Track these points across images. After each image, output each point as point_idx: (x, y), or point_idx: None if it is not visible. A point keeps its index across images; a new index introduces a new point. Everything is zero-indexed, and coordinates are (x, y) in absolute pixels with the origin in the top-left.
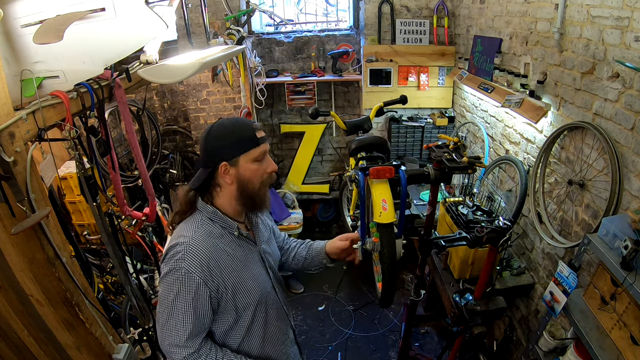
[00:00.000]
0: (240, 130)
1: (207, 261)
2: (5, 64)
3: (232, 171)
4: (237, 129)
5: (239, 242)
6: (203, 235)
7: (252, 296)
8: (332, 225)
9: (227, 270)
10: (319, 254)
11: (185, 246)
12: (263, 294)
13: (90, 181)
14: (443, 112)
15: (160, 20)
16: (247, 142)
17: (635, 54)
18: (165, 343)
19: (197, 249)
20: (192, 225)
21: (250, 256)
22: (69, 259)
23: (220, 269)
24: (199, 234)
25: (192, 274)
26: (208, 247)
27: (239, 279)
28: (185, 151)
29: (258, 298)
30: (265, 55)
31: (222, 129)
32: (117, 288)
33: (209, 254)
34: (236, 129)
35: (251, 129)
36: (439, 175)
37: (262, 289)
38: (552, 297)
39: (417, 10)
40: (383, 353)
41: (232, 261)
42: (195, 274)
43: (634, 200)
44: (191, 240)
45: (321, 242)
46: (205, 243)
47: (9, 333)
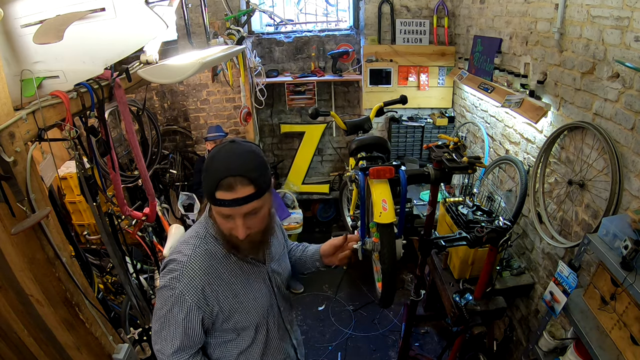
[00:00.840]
0: (210, 176)
1: (202, 286)
2: (5, 64)
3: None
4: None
5: (242, 264)
6: (202, 256)
7: (250, 318)
8: (332, 225)
9: (224, 294)
10: (314, 254)
11: (182, 266)
12: (264, 315)
13: (90, 181)
14: (443, 112)
15: (160, 20)
16: (207, 193)
17: (635, 54)
18: (156, 348)
19: (193, 273)
20: (194, 241)
21: (254, 277)
22: (69, 259)
23: (216, 293)
24: (198, 254)
25: (185, 296)
26: (205, 271)
27: (237, 302)
28: (185, 151)
29: (258, 320)
30: (265, 55)
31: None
32: (117, 288)
33: (205, 278)
34: (209, 172)
35: (214, 183)
36: (439, 175)
37: (263, 310)
38: (552, 297)
39: (417, 10)
40: (383, 353)
41: (231, 284)
42: (188, 296)
43: (634, 200)
44: (189, 260)
45: (316, 245)
46: (203, 266)
47: (9, 333)
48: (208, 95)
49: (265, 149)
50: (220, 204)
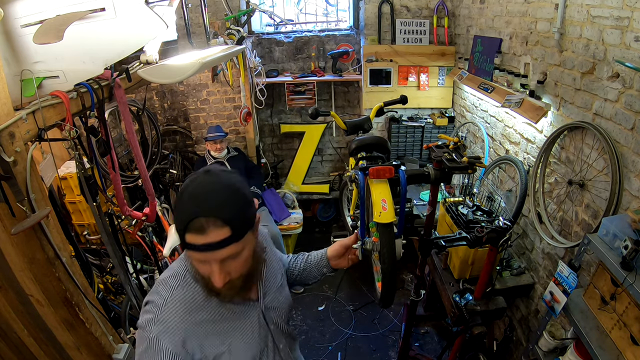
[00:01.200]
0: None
1: (179, 333)
2: (5, 64)
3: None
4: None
5: (229, 305)
6: (180, 301)
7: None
8: (332, 225)
9: (208, 340)
10: (320, 261)
11: (158, 310)
12: (256, 356)
13: (90, 181)
14: (443, 112)
15: (160, 20)
16: (178, 234)
17: (635, 54)
18: None
19: (169, 319)
20: (172, 281)
21: (244, 317)
22: (69, 259)
23: (198, 340)
24: (176, 297)
25: (160, 341)
26: (182, 317)
27: (225, 346)
28: (185, 151)
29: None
30: (265, 55)
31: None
32: (117, 288)
33: (183, 325)
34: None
35: (183, 224)
36: (439, 175)
37: (254, 353)
38: (552, 297)
39: (417, 10)
40: (383, 353)
41: (215, 329)
42: (164, 341)
43: (634, 200)
44: (165, 305)
45: (320, 251)
46: (180, 312)
47: (9, 333)
48: (208, 95)
49: (265, 149)
50: (190, 248)
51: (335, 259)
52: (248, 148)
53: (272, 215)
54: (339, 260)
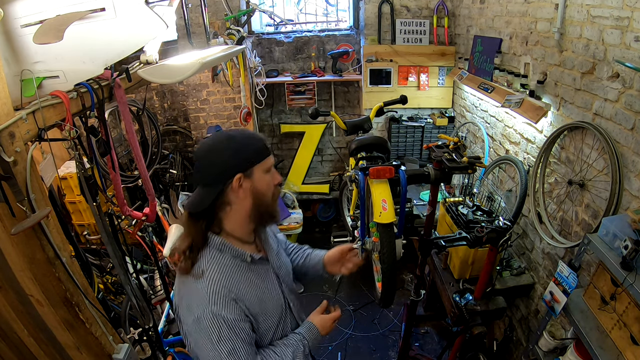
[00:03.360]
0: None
1: (232, 297)
2: (5, 64)
3: (247, 184)
4: (245, 141)
5: (253, 268)
6: (218, 271)
7: (272, 318)
8: (332, 225)
9: (249, 300)
10: (316, 264)
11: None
12: (282, 314)
13: (90, 181)
14: (443, 112)
15: (160, 20)
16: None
17: (635, 54)
18: None
19: (220, 294)
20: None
21: (266, 278)
22: (69, 259)
23: (242, 298)
24: (213, 271)
25: (222, 313)
26: (226, 282)
27: (260, 305)
28: (185, 151)
29: (277, 319)
30: (265, 55)
31: (233, 142)
32: (117, 288)
33: (229, 288)
34: (244, 142)
35: (261, 138)
36: (439, 175)
37: (280, 310)
38: (552, 297)
39: (417, 10)
40: (383, 353)
41: (250, 290)
42: (224, 313)
43: (634, 200)
44: (209, 282)
45: (320, 252)
46: (223, 280)
47: (9, 333)
48: (208, 95)
49: None
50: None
51: (332, 264)
52: None
53: None
54: (335, 267)
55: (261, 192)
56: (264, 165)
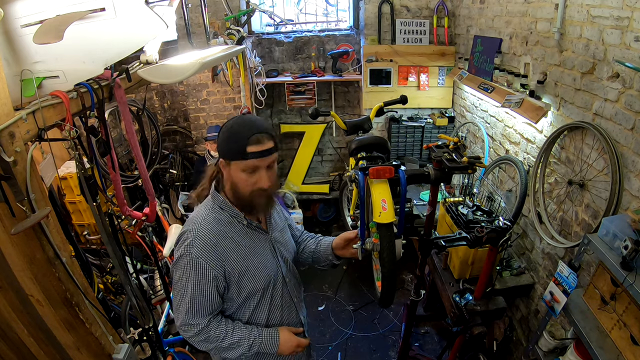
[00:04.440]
0: (236, 137)
1: (214, 248)
2: (5, 64)
3: (227, 169)
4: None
5: (247, 231)
6: (212, 222)
7: (258, 283)
8: (332, 225)
9: (233, 257)
10: (327, 249)
11: (194, 232)
12: (270, 282)
13: (90, 181)
14: (443, 112)
15: (160, 20)
16: (235, 152)
17: (635, 54)
18: (178, 323)
19: (204, 236)
20: (203, 211)
21: (260, 244)
22: (69, 259)
23: (226, 255)
24: (207, 220)
25: (199, 259)
26: (215, 234)
27: (246, 265)
28: (185, 151)
29: (264, 285)
30: (265, 55)
31: (227, 128)
32: (117, 288)
33: (216, 240)
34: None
35: (244, 140)
36: (439, 175)
37: (269, 277)
38: (552, 297)
39: (417, 10)
40: (383, 353)
41: (239, 248)
42: (202, 259)
43: (634, 200)
44: (200, 227)
45: (329, 238)
46: (213, 230)
47: (9, 333)
48: (208, 95)
49: None
50: (252, 156)
51: (340, 249)
52: None
53: None
54: (343, 251)
55: (236, 184)
56: (240, 165)
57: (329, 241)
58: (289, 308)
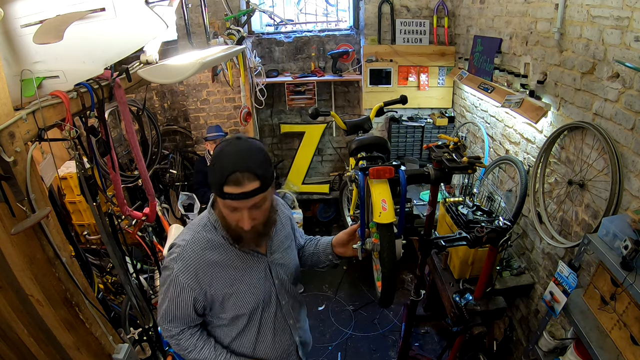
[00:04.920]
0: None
1: (195, 270)
2: (5, 64)
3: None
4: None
5: (240, 254)
6: (200, 242)
7: (244, 307)
8: (332, 225)
9: (218, 282)
10: (326, 248)
11: (180, 249)
12: (259, 305)
13: (90, 181)
14: (443, 112)
15: (160, 20)
16: (214, 186)
17: (635, 54)
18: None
19: (188, 257)
20: (195, 227)
21: (253, 267)
22: (69, 259)
23: (209, 278)
24: (196, 239)
25: (179, 277)
26: (199, 261)
27: (231, 290)
28: (185, 151)
29: (251, 309)
30: (265, 55)
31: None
32: (117, 288)
33: (199, 264)
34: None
35: (222, 177)
36: (439, 175)
37: (257, 302)
38: (552, 297)
39: (417, 10)
40: (383, 353)
41: (226, 273)
42: (181, 277)
43: (634, 200)
44: (186, 245)
45: (328, 237)
46: (198, 256)
47: (9, 333)
48: (208, 95)
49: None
50: (228, 197)
51: (340, 246)
52: None
53: None
54: (344, 249)
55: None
56: (225, 203)
57: (328, 240)
58: (282, 331)
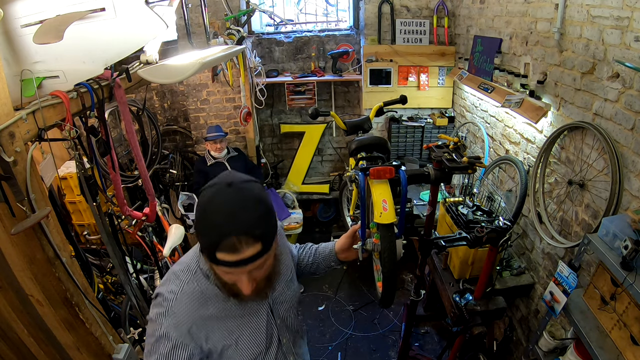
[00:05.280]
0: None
1: (188, 327)
2: (5, 64)
3: None
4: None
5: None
6: (191, 295)
7: (246, 355)
8: (332, 225)
9: (215, 333)
10: (328, 256)
11: (168, 304)
12: (262, 350)
13: (90, 181)
14: (443, 112)
15: (160, 20)
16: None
17: (635, 54)
18: None
19: (179, 312)
20: (184, 276)
21: (253, 312)
22: (69, 259)
23: (205, 333)
24: (186, 292)
25: (169, 333)
26: (192, 311)
27: (232, 339)
28: (185, 151)
29: (254, 356)
30: (265, 55)
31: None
32: (117, 288)
33: (192, 319)
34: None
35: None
36: (439, 175)
37: (260, 346)
38: (552, 297)
39: (417, 10)
40: (383, 353)
41: (223, 323)
42: (172, 333)
43: (634, 200)
44: (175, 299)
45: (328, 244)
46: (190, 307)
47: (9, 333)
48: (208, 95)
49: (265, 149)
50: (222, 264)
51: (343, 252)
52: (248, 148)
53: None
54: (347, 254)
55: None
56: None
57: (329, 248)
58: None
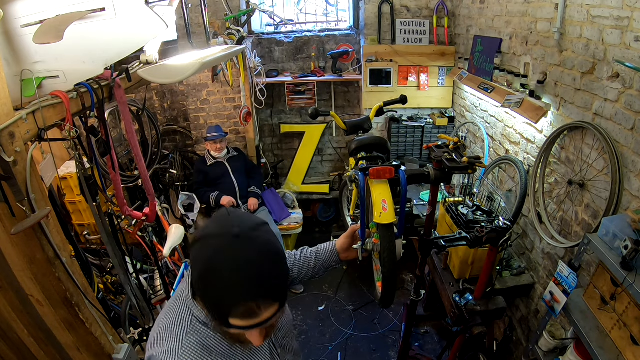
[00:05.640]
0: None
1: None
2: (5, 64)
3: None
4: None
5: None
6: (190, 351)
7: None
8: (332, 225)
9: None
10: (329, 259)
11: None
12: None
13: (90, 181)
14: (443, 112)
15: (160, 20)
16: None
17: (635, 54)
18: None
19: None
20: (179, 329)
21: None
22: (69, 259)
23: None
24: (186, 350)
25: None
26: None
27: None
28: (185, 151)
29: None
30: (265, 55)
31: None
32: (117, 288)
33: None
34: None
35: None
36: (439, 175)
37: None
38: (552, 297)
39: (417, 10)
40: (383, 353)
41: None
42: None
43: (634, 200)
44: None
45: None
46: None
47: (9, 333)
48: (208, 95)
49: (265, 149)
50: (234, 328)
51: (343, 252)
52: (248, 148)
53: (272, 215)
54: (347, 254)
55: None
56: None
57: (331, 249)
58: None
